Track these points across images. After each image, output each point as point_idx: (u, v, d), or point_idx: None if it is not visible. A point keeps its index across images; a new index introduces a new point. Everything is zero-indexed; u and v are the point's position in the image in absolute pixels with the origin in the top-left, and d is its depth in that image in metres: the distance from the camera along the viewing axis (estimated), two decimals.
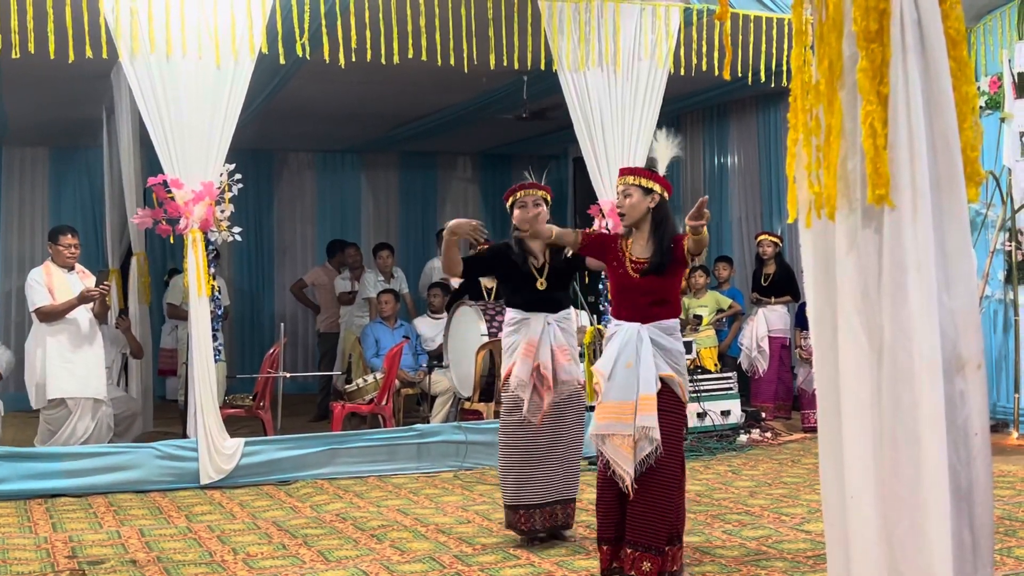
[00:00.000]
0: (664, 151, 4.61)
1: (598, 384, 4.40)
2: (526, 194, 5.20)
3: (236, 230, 7.06)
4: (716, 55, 7.88)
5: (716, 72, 7.76)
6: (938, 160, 2.40)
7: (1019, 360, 8.09)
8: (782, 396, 9.46)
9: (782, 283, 9.33)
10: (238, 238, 7.13)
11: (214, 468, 6.83)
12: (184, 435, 7.19)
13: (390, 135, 12.21)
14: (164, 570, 4.83)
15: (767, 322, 9.32)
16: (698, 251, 4.33)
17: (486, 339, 7.98)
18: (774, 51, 8.16)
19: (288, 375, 8.18)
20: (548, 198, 5.30)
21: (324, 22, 6.79)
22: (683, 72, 7.97)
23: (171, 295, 9.80)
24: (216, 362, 6.99)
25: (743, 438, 8.34)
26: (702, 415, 8.36)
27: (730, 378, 8.78)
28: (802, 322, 8.94)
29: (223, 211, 6.95)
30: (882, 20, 2.36)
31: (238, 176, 7.02)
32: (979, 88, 8.28)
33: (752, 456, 7.82)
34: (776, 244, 9.37)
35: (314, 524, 5.76)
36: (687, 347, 8.38)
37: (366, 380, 8.40)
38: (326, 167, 13.65)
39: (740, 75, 8.65)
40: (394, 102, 10.25)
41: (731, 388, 8.71)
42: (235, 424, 7.88)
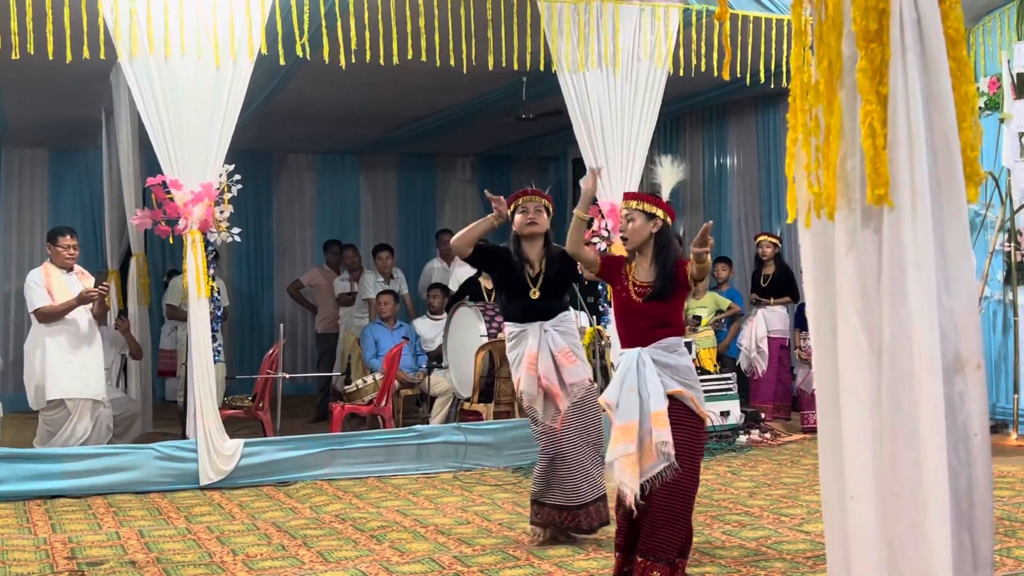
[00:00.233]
0: (668, 177, 4.63)
1: (606, 410, 4.45)
2: (528, 200, 5.30)
3: (235, 231, 7.06)
4: (715, 56, 7.88)
5: (715, 73, 7.76)
6: (938, 160, 2.39)
7: (1018, 361, 8.09)
8: (781, 397, 9.46)
9: (781, 284, 9.33)
10: (237, 239, 7.13)
11: (213, 469, 6.83)
12: (183, 436, 7.19)
13: (389, 136, 12.21)
14: (163, 571, 4.82)
15: (766, 323, 9.32)
16: (701, 277, 4.37)
17: (485, 340, 7.97)
18: (773, 52, 8.16)
19: (287, 376, 8.17)
20: (550, 207, 5.35)
21: (324, 23, 6.79)
22: (682, 73, 7.97)
23: (170, 296, 9.80)
24: (215, 363, 7.00)
25: (742, 439, 8.34)
26: None
27: (729, 379, 8.78)
28: (801, 323, 8.94)
29: (222, 212, 6.95)
30: (881, 20, 2.36)
31: (237, 177, 7.02)
32: (978, 89, 8.28)
33: (751, 457, 7.82)
34: (775, 245, 9.37)
35: (313, 525, 5.75)
36: (687, 348, 8.39)
37: (365, 381, 8.40)
38: (325, 168, 13.64)
39: (739, 76, 8.65)
40: (393, 103, 10.25)
41: (730, 389, 8.70)
42: (234, 425, 7.88)
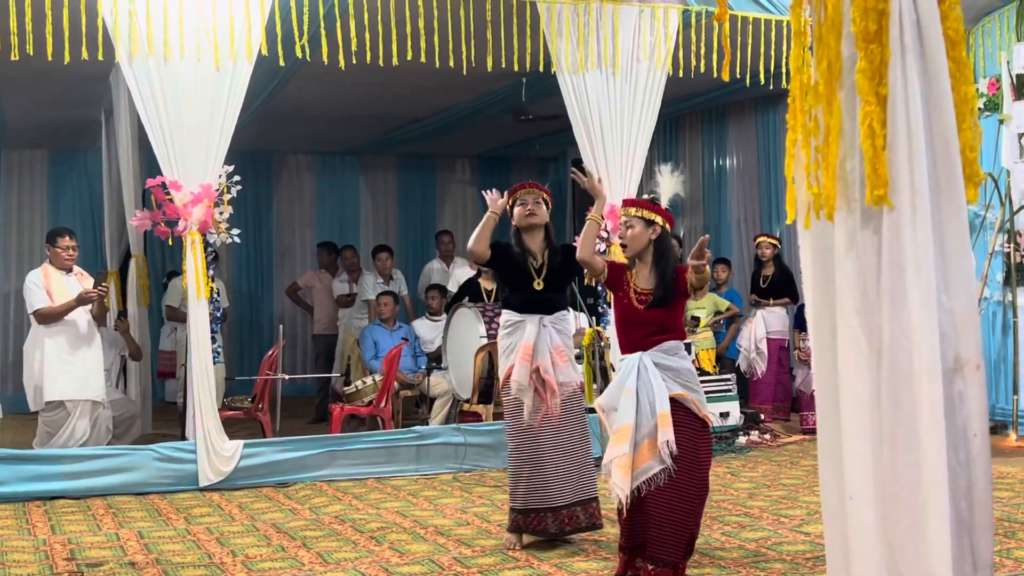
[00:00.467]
0: (667, 186, 4.68)
1: (603, 416, 4.46)
2: (527, 193, 5.32)
3: (235, 232, 7.06)
4: (715, 57, 7.88)
5: (715, 74, 7.77)
6: (937, 161, 2.39)
7: (1018, 361, 8.09)
8: (780, 398, 9.46)
9: (781, 285, 9.33)
10: (237, 240, 7.13)
11: (213, 470, 6.83)
12: (183, 437, 7.18)
13: (389, 137, 12.21)
14: (163, 572, 4.82)
15: (766, 324, 9.32)
16: (700, 286, 4.46)
17: (485, 341, 7.97)
18: (773, 52, 8.16)
19: (287, 377, 8.16)
20: (548, 200, 5.36)
21: (323, 24, 6.79)
22: (682, 74, 7.97)
23: (170, 297, 9.79)
24: (215, 364, 6.99)
25: (742, 440, 8.33)
26: None
27: (729, 380, 8.77)
28: (801, 324, 8.94)
29: (222, 213, 6.94)
30: (881, 21, 2.36)
31: (237, 178, 7.02)
32: (978, 89, 8.28)
33: (751, 458, 7.82)
34: (775, 246, 9.37)
35: (313, 526, 5.75)
36: (687, 349, 8.38)
37: (365, 382, 8.39)
38: (325, 169, 13.64)
39: (739, 77, 8.65)
40: (393, 104, 10.25)
41: (730, 390, 8.70)
42: (234, 426, 7.87)
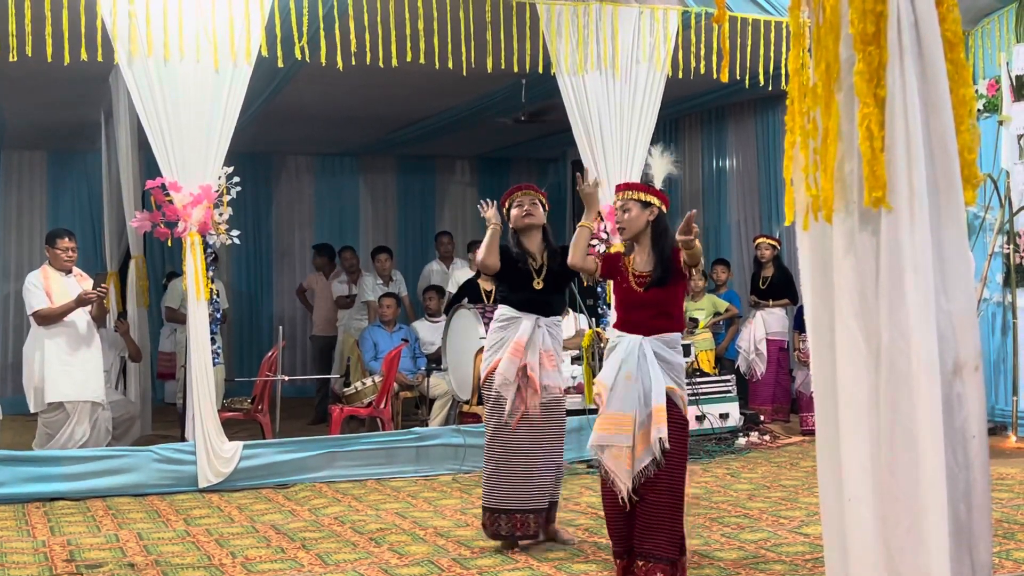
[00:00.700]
0: (660, 167, 4.72)
1: (599, 395, 4.41)
2: (523, 195, 5.35)
3: (234, 233, 7.06)
4: (714, 58, 7.89)
5: (714, 75, 7.76)
6: (935, 163, 2.39)
7: (1017, 363, 8.09)
8: (780, 399, 9.46)
9: (780, 286, 9.33)
10: (236, 241, 7.13)
11: (212, 471, 6.83)
12: (182, 438, 7.18)
13: (388, 138, 12.21)
14: (162, 573, 4.82)
15: (765, 325, 9.32)
16: (693, 263, 4.39)
17: (484, 342, 7.96)
18: (772, 54, 8.17)
19: (287, 378, 8.16)
20: (545, 202, 5.38)
21: (322, 25, 6.80)
22: (681, 75, 7.98)
23: (169, 298, 9.79)
24: (214, 365, 6.99)
25: (741, 441, 8.34)
26: (700, 418, 8.35)
27: (728, 381, 8.78)
28: (800, 325, 8.93)
29: (221, 214, 6.94)
30: (879, 23, 2.36)
31: (236, 179, 7.02)
32: (977, 91, 8.28)
33: (750, 459, 7.82)
34: (774, 247, 9.37)
35: (312, 527, 5.75)
36: (686, 350, 8.38)
37: (364, 383, 8.39)
38: (324, 170, 13.64)
39: (738, 78, 8.65)
40: (392, 105, 10.25)
41: (729, 391, 8.70)
42: (233, 427, 7.87)
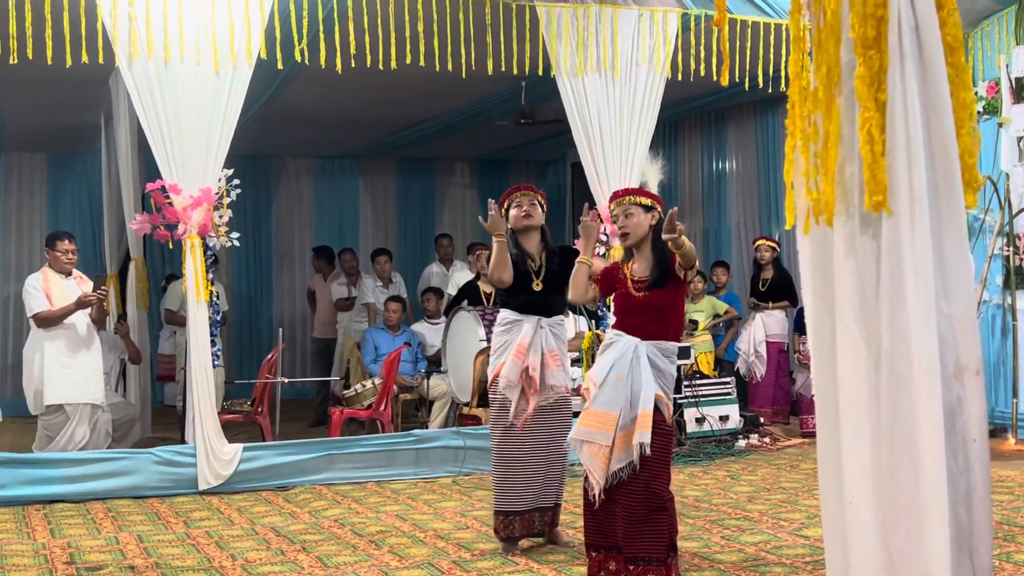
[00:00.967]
0: (653, 172, 4.79)
1: (587, 390, 4.44)
2: (523, 195, 5.35)
3: (234, 235, 7.06)
4: (714, 61, 7.89)
5: (714, 78, 7.77)
6: (936, 166, 2.40)
7: (1017, 365, 8.09)
8: (780, 401, 9.47)
9: (780, 288, 9.34)
10: (236, 243, 7.13)
11: (212, 474, 6.82)
12: (182, 441, 7.18)
13: (388, 140, 12.21)
14: None
15: (765, 327, 9.33)
16: (688, 264, 4.36)
17: (484, 344, 7.97)
18: (772, 57, 8.17)
19: (286, 380, 8.16)
20: (543, 203, 5.38)
21: (322, 27, 6.80)
22: (681, 78, 7.98)
23: (169, 301, 9.79)
24: (214, 367, 6.99)
25: (741, 443, 8.33)
26: (700, 420, 8.35)
27: (728, 383, 8.78)
28: (801, 327, 8.93)
29: (221, 216, 6.94)
30: (880, 26, 2.37)
31: (236, 181, 7.02)
32: (977, 94, 8.29)
33: (751, 461, 7.82)
34: (774, 249, 9.38)
35: (312, 530, 5.75)
36: (686, 352, 8.39)
37: (364, 385, 8.40)
38: (324, 172, 13.64)
39: (738, 81, 8.66)
40: (392, 107, 10.26)
41: (729, 393, 8.70)
42: (233, 429, 7.86)
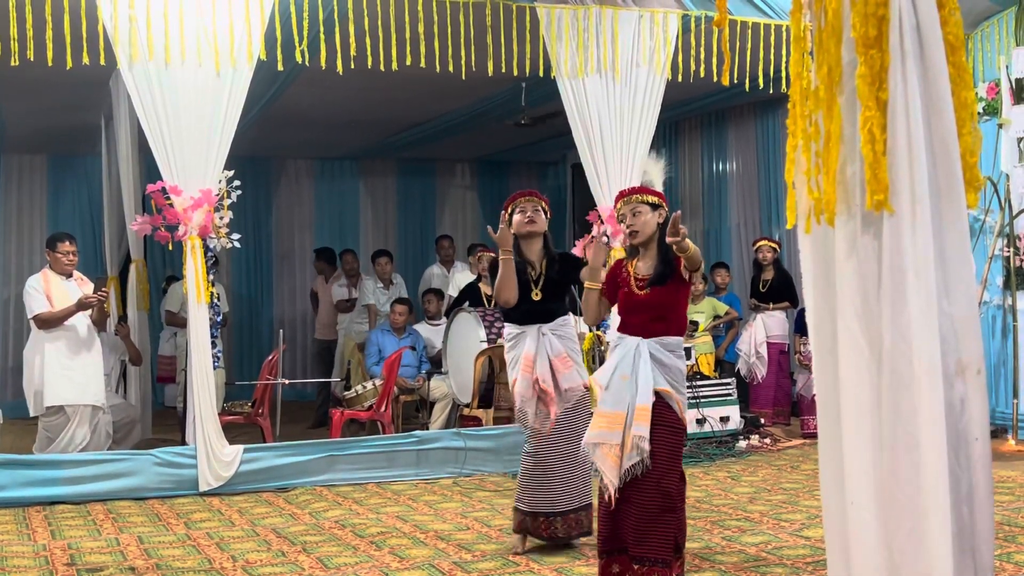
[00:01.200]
0: (657, 171, 4.79)
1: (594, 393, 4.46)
2: (527, 201, 5.36)
3: (235, 237, 7.06)
4: (714, 61, 7.89)
5: (714, 78, 7.78)
6: (937, 166, 2.39)
7: (1018, 365, 8.09)
8: (781, 402, 9.46)
9: (780, 289, 9.33)
10: (237, 245, 7.13)
11: (213, 475, 6.83)
12: (183, 442, 7.19)
13: (388, 142, 12.21)
14: None
15: (765, 328, 9.32)
16: (694, 267, 4.34)
17: (485, 345, 7.97)
18: (772, 57, 8.17)
19: (287, 382, 8.16)
20: (547, 209, 5.39)
21: (322, 29, 6.80)
22: (681, 79, 7.98)
23: (169, 302, 9.79)
24: (215, 369, 6.99)
25: (742, 444, 8.33)
26: (701, 421, 8.35)
27: (729, 384, 8.77)
28: (802, 328, 8.93)
29: (222, 218, 6.95)
30: (881, 26, 2.36)
31: (237, 183, 7.03)
32: (976, 94, 8.28)
33: (751, 462, 7.81)
34: (775, 250, 9.37)
35: (313, 531, 5.75)
36: (686, 353, 8.38)
37: (365, 387, 8.40)
38: (324, 174, 13.65)
39: (738, 81, 8.66)
40: (392, 109, 10.26)
41: (730, 394, 8.70)
42: (234, 431, 7.86)
